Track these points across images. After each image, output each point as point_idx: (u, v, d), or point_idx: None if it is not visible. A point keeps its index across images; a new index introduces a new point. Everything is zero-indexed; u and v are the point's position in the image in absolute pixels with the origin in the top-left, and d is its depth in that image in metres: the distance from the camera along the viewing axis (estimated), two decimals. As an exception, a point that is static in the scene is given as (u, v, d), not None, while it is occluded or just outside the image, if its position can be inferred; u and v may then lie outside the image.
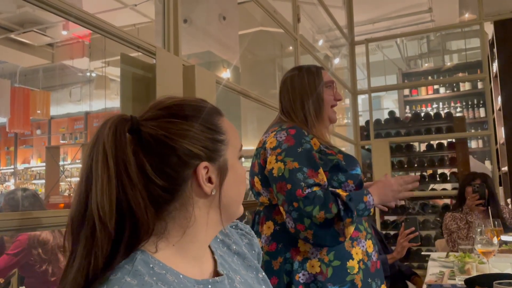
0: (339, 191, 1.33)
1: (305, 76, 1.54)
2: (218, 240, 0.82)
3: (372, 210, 1.37)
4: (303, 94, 1.51)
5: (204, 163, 0.68)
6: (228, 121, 0.75)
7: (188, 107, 0.71)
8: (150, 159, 0.65)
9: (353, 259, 1.36)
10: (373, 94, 4.38)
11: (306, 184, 1.30)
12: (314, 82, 1.52)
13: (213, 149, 0.70)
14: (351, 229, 1.32)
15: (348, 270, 1.34)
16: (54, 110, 8.44)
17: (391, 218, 4.30)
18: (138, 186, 0.63)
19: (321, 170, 1.36)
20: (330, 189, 1.35)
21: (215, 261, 0.75)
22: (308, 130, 1.45)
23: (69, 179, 8.25)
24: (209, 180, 0.69)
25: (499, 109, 4.16)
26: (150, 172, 0.64)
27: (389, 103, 8.90)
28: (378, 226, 3.98)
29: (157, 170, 0.65)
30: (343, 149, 1.55)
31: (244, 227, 0.91)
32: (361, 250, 1.38)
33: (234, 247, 0.83)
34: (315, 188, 1.31)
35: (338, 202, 1.29)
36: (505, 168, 4.08)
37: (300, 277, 1.34)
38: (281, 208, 1.35)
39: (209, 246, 0.76)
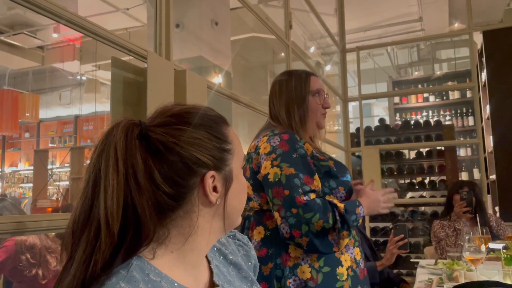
0: (335, 201, 1.34)
1: (292, 82, 1.53)
2: (215, 249, 0.81)
3: (360, 221, 1.39)
4: (289, 101, 1.51)
5: (211, 172, 0.68)
6: (233, 130, 0.76)
7: (197, 115, 0.70)
8: (159, 165, 0.64)
9: (342, 265, 1.36)
10: (363, 102, 4.41)
11: (303, 191, 1.30)
12: (301, 89, 1.52)
13: (220, 158, 0.69)
14: (346, 241, 1.34)
15: (338, 277, 1.34)
16: (43, 113, 8.37)
17: (381, 225, 4.32)
18: (146, 193, 0.63)
19: (316, 176, 1.37)
20: (327, 198, 1.35)
21: (211, 271, 0.75)
22: (299, 136, 1.45)
23: (57, 183, 8.17)
24: (215, 189, 0.69)
25: (488, 118, 4.21)
26: (158, 179, 0.64)
27: (380, 111, 8.98)
28: (367, 233, 3.99)
29: (165, 177, 0.64)
30: (333, 155, 1.56)
31: (242, 237, 0.90)
32: (350, 257, 1.39)
33: (231, 257, 0.82)
34: (312, 195, 1.31)
35: (335, 213, 1.30)
36: (493, 176, 4.13)
37: (291, 282, 1.34)
38: (276, 214, 1.34)
39: (206, 256, 0.76)
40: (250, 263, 0.87)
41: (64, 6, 1.21)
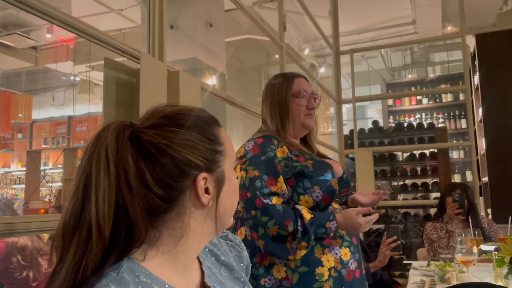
0: (304, 211, 1.33)
1: (276, 86, 1.55)
2: (207, 250, 0.80)
3: (331, 234, 1.39)
4: (272, 105, 1.54)
5: (203, 174, 0.67)
6: (225, 131, 0.75)
7: (189, 117, 0.70)
8: (150, 167, 0.64)
9: (323, 266, 1.35)
10: (357, 104, 4.42)
11: (261, 193, 1.32)
12: (281, 92, 1.53)
13: (212, 159, 0.69)
14: (303, 252, 1.33)
15: (317, 277, 1.34)
16: (36, 114, 8.32)
17: (374, 226, 4.33)
18: (137, 195, 0.62)
19: (280, 179, 1.37)
20: (296, 206, 1.35)
21: (202, 272, 0.74)
22: (280, 139, 1.46)
23: (50, 184, 8.11)
24: (206, 191, 0.68)
25: (480, 121, 4.24)
26: (149, 181, 0.63)
27: (373, 113, 9.01)
28: (361, 235, 4.01)
29: (156, 179, 0.64)
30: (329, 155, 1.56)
31: (234, 238, 0.90)
32: (334, 257, 1.38)
33: (223, 258, 0.82)
34: (273, 198, 1.32)
35: (297, 223, 1.30)
36: (485, 179, 4.16)
37: (266, 281, 1.35)
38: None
39: (197, 257, 0.75)
40: (242, 264, 0.87)
41: (57, 7, 1.21)
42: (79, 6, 4.74)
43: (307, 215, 1.32)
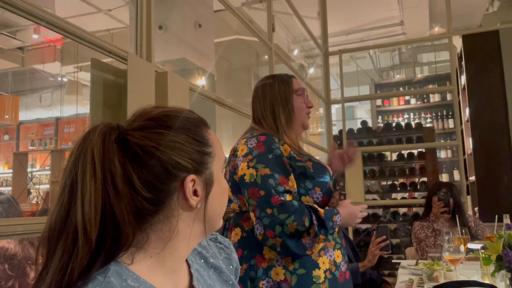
0: (316, 206, 1.35)
1: (276, 84, 1.56)
2: (196, 252, 0.80)
3: (336, 229, 1.41)
4: (274, 102, 1.53)
5: (191, 176, 0.66)
6: (214, 133, 0.75)
7: (177, 118, 0.69)
8: (138, 170, 0.63)
9: (319, 268, 1.36)
10: (346, 104, 4.44)
11: (277, 191, 1.31)
12: (284, 90, 1.55)
13: (200, 161, 0.68)
14: (321, 245, 1.35)
15: (314, 279, 1.34)
16: (23, 115, 8.23)
17: (363, 226, 4.36)
18: (124, 198, 0.61)
19: (291, 177, 1.38)
20: (308, 204, 1.37)
21: (191, 275, 0.74)
22: (279, 137, 1.46)
23: (37, 186, 8.02)
24: (195, 193, 0.68)
25: (467, 121, 4.29)
26: (137, 184, 0.62)
27: (362, 113, 9.07)
28: (350, 234, 4.02)
29: (144, 181, 0.63)
30: (317, 157, 1.57)
31: (224, 240, 0.89)
32: (329, 259, 1.39)
33: (212, 260, 0.81)
34: (287, 196, 1.32)
35: (312, 217, 1.31)
36: (472, 178, 4.20)
37: (264, 284, 1.34)
38: (252, 214, 1.35)
39: (186, 260, 0.75)
40: (231, 266, 0.86)
41: (43, 7, 1.19)
42: (67, 6, 4.69)
43: (321, 210, 1.34)
